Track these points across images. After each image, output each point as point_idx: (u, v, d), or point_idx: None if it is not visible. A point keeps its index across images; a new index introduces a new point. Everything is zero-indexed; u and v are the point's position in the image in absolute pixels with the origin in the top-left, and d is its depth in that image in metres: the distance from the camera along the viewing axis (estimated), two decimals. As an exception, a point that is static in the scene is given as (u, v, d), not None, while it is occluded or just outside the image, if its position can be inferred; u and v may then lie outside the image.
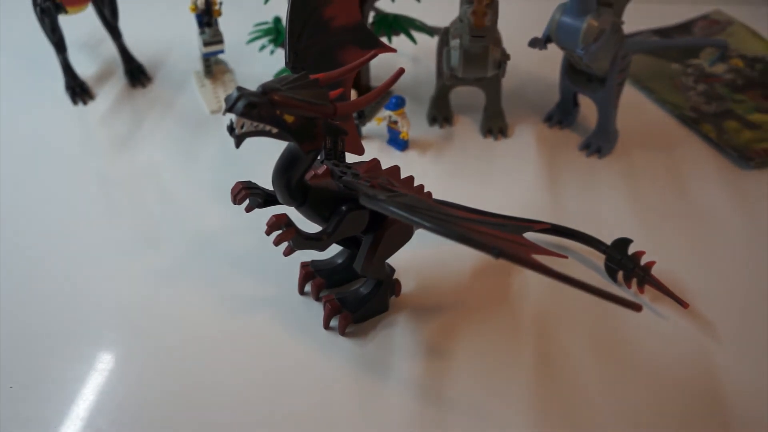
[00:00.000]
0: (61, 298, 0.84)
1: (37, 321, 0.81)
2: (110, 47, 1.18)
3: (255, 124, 0.64)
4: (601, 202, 0.97)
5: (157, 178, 1.00)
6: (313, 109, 0.65)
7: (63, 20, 1.08)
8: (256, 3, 1.02)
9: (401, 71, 0.72)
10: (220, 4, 1.09)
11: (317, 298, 0.83)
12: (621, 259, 0.85)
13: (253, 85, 1.16)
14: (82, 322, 0.81)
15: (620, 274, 0.85)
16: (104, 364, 0.77)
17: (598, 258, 0.87)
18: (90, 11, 1.11)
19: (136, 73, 1.17)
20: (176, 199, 0.97)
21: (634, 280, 0.84)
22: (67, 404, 0.73)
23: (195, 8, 1.08)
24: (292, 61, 0.77)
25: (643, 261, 0.84)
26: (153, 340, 0.79)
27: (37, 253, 0.89)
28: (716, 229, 0.93)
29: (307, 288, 0.84)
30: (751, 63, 1.20)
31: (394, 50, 0.85)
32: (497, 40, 0.99)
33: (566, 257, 0.63)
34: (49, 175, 1.00)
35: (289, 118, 0.64)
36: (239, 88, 0.63)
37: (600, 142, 1.04)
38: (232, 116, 0.63)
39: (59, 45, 1.10)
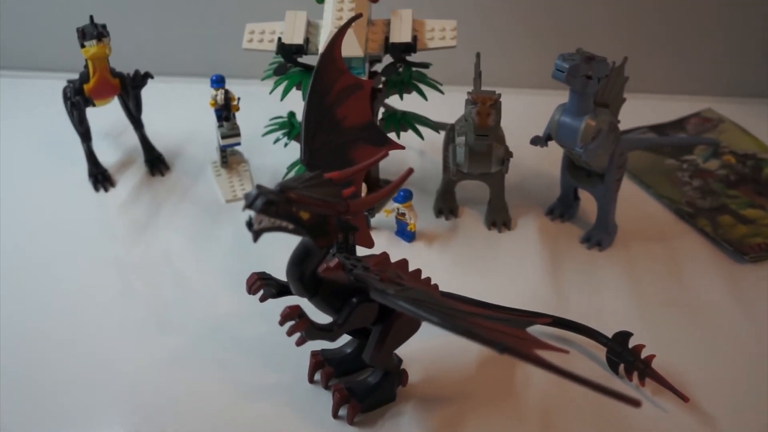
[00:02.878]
0: (72, 379, 0.86)
1: (47, 402, 0.83)
2: (132, 137, 1.23)
3: (272, 220, 0.67)
4: (601, 294, 1.00)
5: (172, 263, 1.04)
6: (327, 206, 0.69)
7: (88, 111, 1.14)
8: (272, 99, 1.07)
9: (410, 171, 0.76)
10: (238, 99, 1.15)
11: (326, 387, 0.85)
12: (622, 352, 0.87)
13: (266, 175, 1.22)
14: (91, 405, 0.83)
15: (622, 367, 0.88)
16: (116, 449, 0.79)
17: (600, 350, 0.90)
18: (115, 103, 1.18)
19: (156, 163, 1.22)
20: (190, 285, 1.00)
21: (636, 373, 0.86)
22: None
23: (215, 103, 1.13)
24: (307, 159, 0.81)
25: (644, 354, 0.87)
26: (162, 424, 0.81)
27: (52, 334, 0.92)
28: (714, 323, 0.96)
29: (317, 376, 0.86)
30: (743, 159, 1.25)
31: (402, 147, 0.90)
32: (500, 138, 1.04)
33: (568, 351, 0.65)
34: (68, 259, 1.04)
35: (304, 215, 0.68)
36: (258, 186, 0.67)
37: (600, 236, 1.07)
38: (251, 212, 0.67)
39: (85, 135, 1.16)
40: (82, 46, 1.08)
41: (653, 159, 1.26)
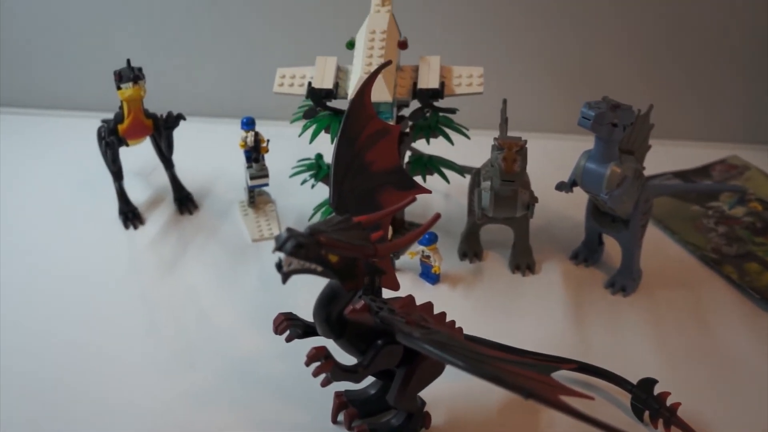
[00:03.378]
0: (96, 414, 0.87)
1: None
2: (162, 176, 1.26)
3: (302, 262, 0.68)
4: (626, 340, 0.99)
5: (198, 301, 1.05)
6: (355, 250, 0.70)
7: (120, 150, 1.17)
8: (301, 141, 1.10)
9: (437, 217, 0.77)
10: (268, 141, 1.17)
11: (349, 428, 0.85)
12: (647, 399, 0.86)
13: (292, 215, 1.24)
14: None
15: (646, 414, 0.87)
16: (140, 486, 0.79)
17: (624, 396, 0.89)
18: (146, 142, 1.21)
19: (185, 201, 1.24)
20: (215, 323, 1.02)
21: (661, 421, 0.86)
22: None
23: (244, 145, 1.16)
24: (335, 202, 0.83)
25: (669, 402, 0.86)
26: (189, 464, 0.82)
27: (77, 368, 0.93)
28: (741, 371, 0.95)
29: (340, 417, 0.86)
30: (769, 207, 1.25)
31: (429, 191, 0.91)
32: (526, 183, 1.05)
33: (593, 398, 0.65)
34: (96, 294, 1.06)
35: (333, 258, 0.69)
36: (288, 229, 0.68)
37: (624, 281, 1.07)
38: (280, 254, 0.68)
39: (117, 174, 1.19)
40: (119, 87, 1.11)
41: (678, 205, 1.26)
